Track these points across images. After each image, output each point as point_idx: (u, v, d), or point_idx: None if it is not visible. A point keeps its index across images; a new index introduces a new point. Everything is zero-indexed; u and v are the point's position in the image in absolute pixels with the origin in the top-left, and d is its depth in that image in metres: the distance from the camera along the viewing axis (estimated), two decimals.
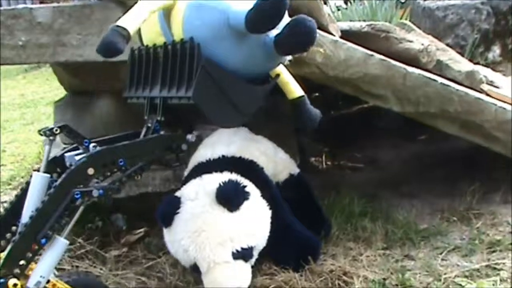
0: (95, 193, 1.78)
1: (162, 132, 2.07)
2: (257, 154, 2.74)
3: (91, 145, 1.96)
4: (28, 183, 1.95)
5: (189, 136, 2.03)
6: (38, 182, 1.93)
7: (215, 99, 1.93)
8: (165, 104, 2.05)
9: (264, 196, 2.52)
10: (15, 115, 7.96)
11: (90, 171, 1.81)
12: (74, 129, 2.02)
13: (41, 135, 2.01)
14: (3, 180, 4.59)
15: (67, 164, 1.98)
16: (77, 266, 2.94)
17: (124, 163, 1.89)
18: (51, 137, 1.99)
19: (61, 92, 4.05)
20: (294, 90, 2.33)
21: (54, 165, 2.01)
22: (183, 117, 2.09)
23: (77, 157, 1.93)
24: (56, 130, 1.98)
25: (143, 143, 2.00)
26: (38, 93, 9.65)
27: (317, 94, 4.61)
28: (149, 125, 2.07)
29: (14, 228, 1.93)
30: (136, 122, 2.18)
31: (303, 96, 2.34)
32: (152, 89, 2.11)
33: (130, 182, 1.97)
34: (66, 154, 2.02)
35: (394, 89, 2.86)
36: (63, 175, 1.80)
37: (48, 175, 1.96)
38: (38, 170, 1.98)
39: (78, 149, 2.04)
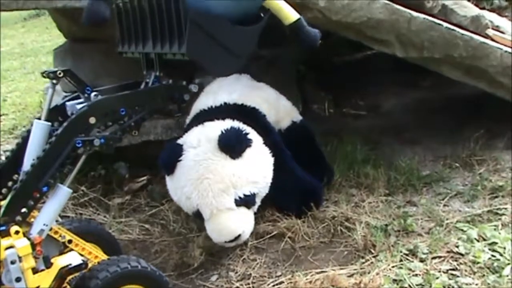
0: (97, 142, 1.80)
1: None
2: (259, 101, 2.72)
3: (93, 94, 1.94)
4: (29, 132, 1.94)
5: (191, 86, 2.02)
6: (39, 130, 1.92)
7: (209, 49, 1.90)
8: (161, 59, 2.03)
9: (266, 143, 2.52)
10: (16, 64, 7.92)
11: (92, 120, 1.82)
12: (77, 75, 1.99)
13: (44, 77, 1.99)
14: (4, 129, 4.59)
15: (69, 113, 1.96)
16: (80, 214, 2.96)
17: (125, 112, 1.89)
18: (54, 80, 1.96)
19: (61, 41, 4.02)
20: (290, 14, 2.26)
21: (56, 113, 2.00)
22: (182, 68, 2.08)
23: (79, 106, 1.92)
24: (60, 74, 1.94)
25: (144, 93, 2.00)
26: (38, 42, 9.59)
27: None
28: (148, 80, 2.06)
29: (15, 176, 1.93)
30: (136, 68, 2.16)
31: (299, 19, 2.29)
32: (145, 45, 2.08)
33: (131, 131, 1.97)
34: (67, 103, 2.00)
35: (398, 33, 2.82)
36: (65, 124, 1.80)
37: (49, 123, 1.95)
38: (39, 118, 1.97)
39: (79, 97, 2.01)
